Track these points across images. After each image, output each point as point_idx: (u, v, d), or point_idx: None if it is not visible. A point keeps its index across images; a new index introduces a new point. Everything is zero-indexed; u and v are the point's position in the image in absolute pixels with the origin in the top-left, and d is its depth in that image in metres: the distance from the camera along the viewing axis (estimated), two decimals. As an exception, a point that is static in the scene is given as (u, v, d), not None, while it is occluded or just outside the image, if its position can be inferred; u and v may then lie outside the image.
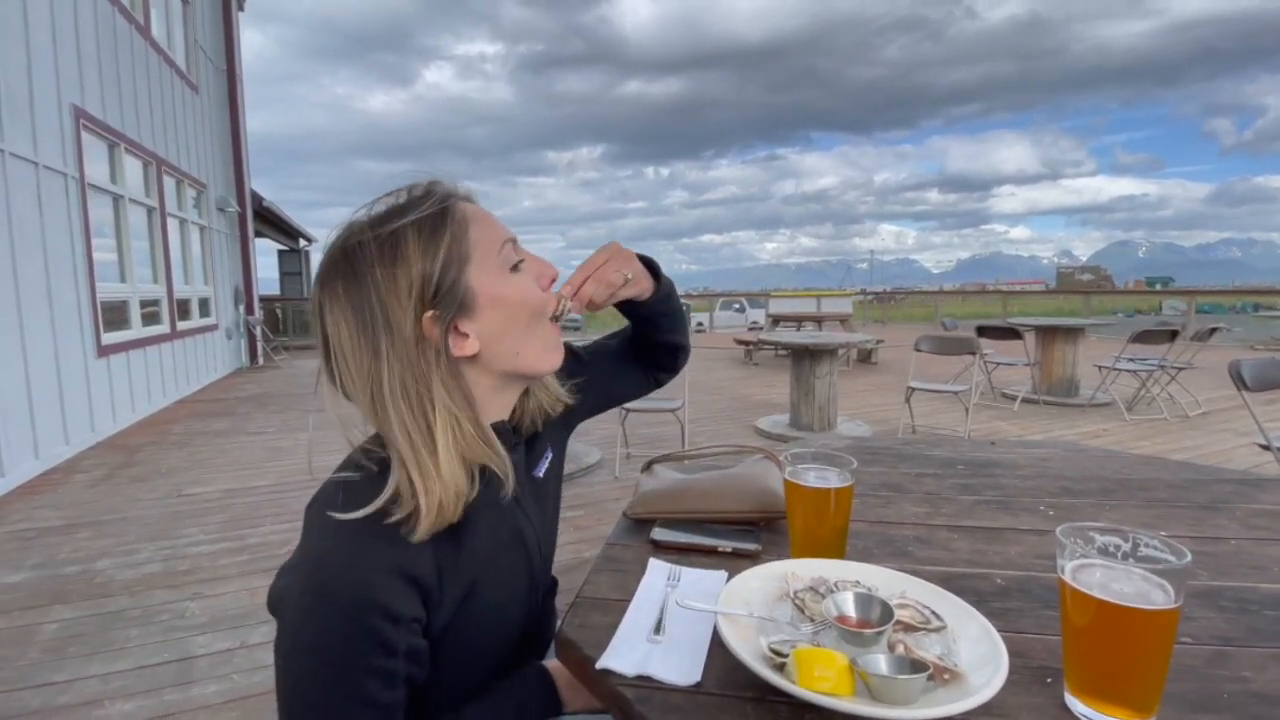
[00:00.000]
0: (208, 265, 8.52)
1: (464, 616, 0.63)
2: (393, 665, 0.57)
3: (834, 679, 0.51)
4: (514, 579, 0.71)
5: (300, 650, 0.57)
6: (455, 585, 0.62)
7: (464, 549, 0.63)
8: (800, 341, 4.83)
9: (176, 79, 7.48)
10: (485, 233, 0.64)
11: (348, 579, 0.55)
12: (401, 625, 0.57)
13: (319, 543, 0.58)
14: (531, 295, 0.66)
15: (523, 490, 0.73)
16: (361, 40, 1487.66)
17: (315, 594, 0.56)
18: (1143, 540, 0.55)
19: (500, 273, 0.64)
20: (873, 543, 0.90)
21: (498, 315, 0.64)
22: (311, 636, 0.56)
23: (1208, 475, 1.19)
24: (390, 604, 0.56)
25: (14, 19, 4.19)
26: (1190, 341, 5.60)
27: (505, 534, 0.69)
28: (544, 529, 0.78)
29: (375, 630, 0.55)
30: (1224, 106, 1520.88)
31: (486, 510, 0.66)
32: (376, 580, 0.55)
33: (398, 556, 0.57)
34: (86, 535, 3.04)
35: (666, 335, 0.91)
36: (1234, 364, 2.41)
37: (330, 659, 0.55)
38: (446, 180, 0.67)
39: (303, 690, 0.57)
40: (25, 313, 4.10)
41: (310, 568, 0.57)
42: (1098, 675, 0.53)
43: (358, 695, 0.56)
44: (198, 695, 1.82)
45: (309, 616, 0.56)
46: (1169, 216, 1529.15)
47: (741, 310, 21.81)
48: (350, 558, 0.56)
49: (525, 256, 0.68)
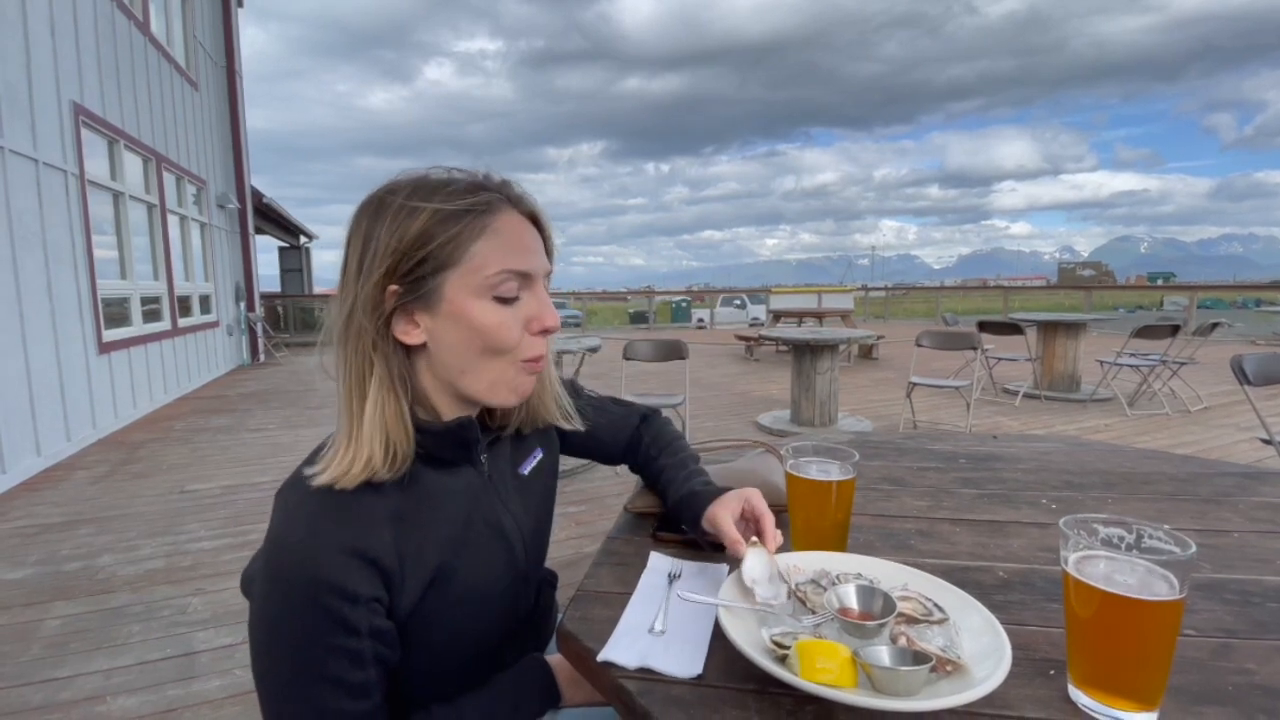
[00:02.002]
0: (208, 262, 8.51)
1: (436, 600, 0.64)
2: (357, 645, 0.58)
3: (836, 671, 0.51)
4: (491, 567, 0.71)
5: (265, 631, 0.59)
6: (419, 567, 0.62)
7: (429, 533, 0.64)
8: (801, 337, 4.83)
9: (176, 75, 7.46)
10: (491, 253, 0.63)
11: (302, 560, 0.57)
12: (360, 605, 0.58)
13: (278, 526, 0.60)
14: (496, 330, 0.63)
15: (503, 483, 0.75)
16: (362, 37, 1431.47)
17: (273, 575, 0.58)
18: (1147, 532, 0.55)
19: (478, 294, 0.63)
20: (874, 536, 0.90)
21: (453, 328, 0.63)
22: (274, 617, 0.58)
23: (1211, 469, 1.19)
24: (345, 584, 0.57)
25: (13, 15, 4.18)
26: (1192, 337, 5.60)
27: (479, 522, 0.70)
28: (529, 523, 0.77)
29: (332, 609, 0.56)
30: (1224, 102, 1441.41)
31: (454, 496, 0.67)
32: (330, 559, 0.57)
33: (352, 537, 0.58)
34: (88, 531, 3.04)
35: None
36: (1236, 359, 2.40)
37: (293, 639, 0.57)
38: (514, 186, 0.67)
39: (272, 671, 0.59)
40: (26, 310, 4.10)
41: (269, 550, 0.59)
42: (1101, 667, 0.52)
43: (324, 674, 0.57)
44: (200, 690, 1.83)
45: (269, 599, 0.58)
46: (1170, 212, 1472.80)
47: (742, 306, 21.80)
48: (305, 539, 0.58)
49: (527, 297, 0.66)
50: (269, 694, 0.59)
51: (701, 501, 0.79)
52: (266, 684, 0.59)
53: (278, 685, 0.58)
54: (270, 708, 0.59)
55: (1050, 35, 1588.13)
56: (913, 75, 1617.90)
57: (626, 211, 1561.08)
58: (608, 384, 3.51)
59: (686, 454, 0.94)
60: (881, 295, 19.99)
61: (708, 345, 11.22)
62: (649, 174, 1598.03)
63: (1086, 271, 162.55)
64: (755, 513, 0.74)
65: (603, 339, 4.62)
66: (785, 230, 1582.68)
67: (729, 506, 0.75)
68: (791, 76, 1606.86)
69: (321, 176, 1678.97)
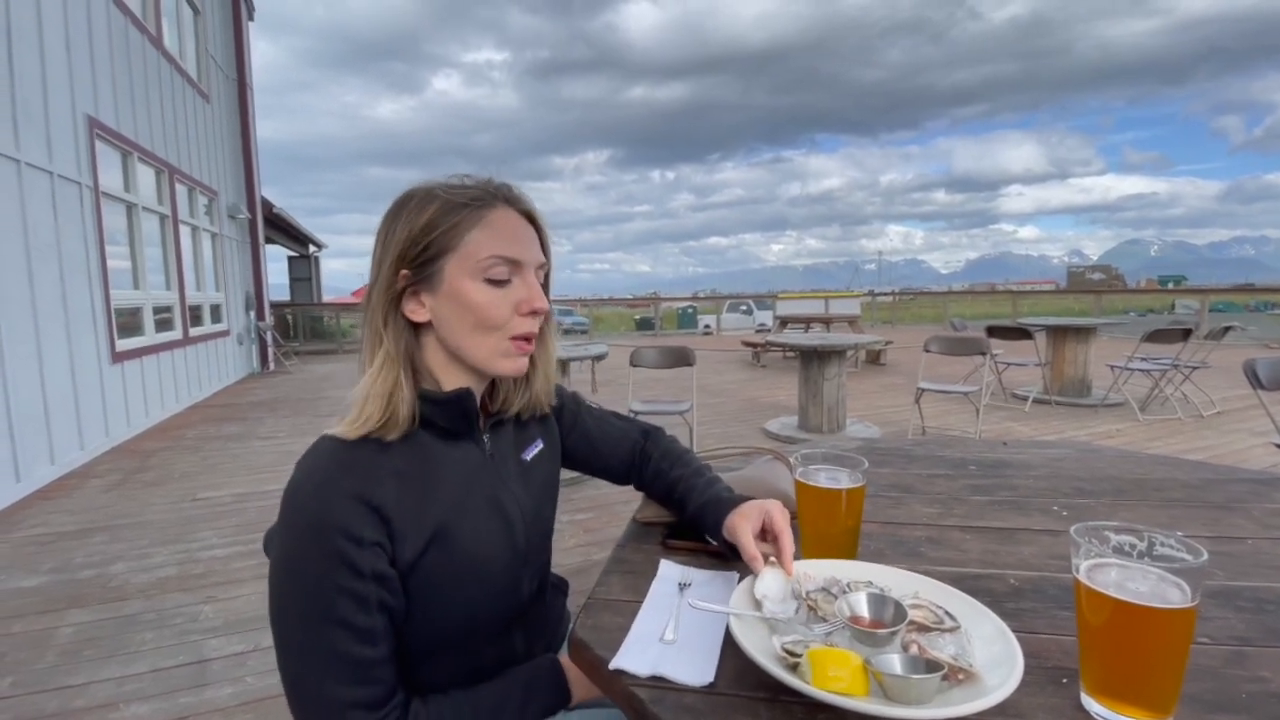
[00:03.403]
0: (219, 271, 8.60)
1: (435, 559, 0.69)
2: (363, 589, 0.63)
3: (848, 679, 0.51)
4: (490, 539, 0.75)
5: (280, 575, 0.65)
6: (420, 523, 0.68)
7: (429, 494, 0.70)
8: (808, 343, 4.82)
9: (188, 88, 7.56)
10: (486, 241, 0.71)
11: (311, 504, 0.63)
12: (364, 548, 0.63)
13: (294, 478, 0.66)
14: (486, 308, 0.71)
15: (504, 464, 0.80)
16: (371, 49, 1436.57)
17: (287, 522, 0.64)
18: (1158, 539, 0.55)
19: (471, 277, 0.70)
20: (884, 543, 0.90)
21: (451, 306, 0.71)
22: (286, 559, 0.64)
23: (1224, 475, 1.18)
24: (349, 525, 0.62)
25: (29, 31, 4.26)
26: (1204, 341, 5.55)
27: (479, 495, 0.75)
28: (530, 505, 0.82)
29: (339, 550, 0.62)
30: (1232, 104, 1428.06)
31: (455, 465, 0.74)
32: (337, 503, 0.63)
33: (359, 485, 0.64)
34: (102, 540, 3.07)
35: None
36: (1249, 363, 2.38)
37: (303, 580, 0.63)
38: (515, 189, 0.76)
39: (285, 615, 0.64)
40: (41, 320, 4.16)
41: (285, 499, 0.65)
42: (1114, 675, 0.52)
43: (331, 615, 0.62)
44: (212, 698, 1.84)
45: (283, 542, 0.65)
46: (1180, 215, 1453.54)
47: (749, 312, 21.78)
48: (315, 486, 0.64)
49: (518, 282, 0.73)
50: (283, 640, 0.64)
51: (725, 508, 0.82)
52: (281, 628, 0.64)
53: (290, 629, 0.64)
54: (285, 655, 0.64)
55: (1054, 39, 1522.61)
56: (917, 81, 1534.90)
57: (632, 218, 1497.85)
58: (615, 390, 3.51)
59: (701, 464, 0.96)
60: (889, 300, 19.94)
61: (714, 351, 11.22)
62: (654, 181, 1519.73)
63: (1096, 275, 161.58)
64: (774, 530, 0.75)
65: (609, 346, 4.62)
66: (791, 236, 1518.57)
67: (750, 519, 0.77)
68: (795, 83, 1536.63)
69: (330, 186, 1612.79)
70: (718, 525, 0.82)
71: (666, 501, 0.95)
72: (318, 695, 0.62)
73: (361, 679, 0.63)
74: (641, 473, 0.98)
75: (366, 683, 0.64)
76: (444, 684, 0.72)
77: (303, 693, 0.63)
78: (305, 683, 0.63)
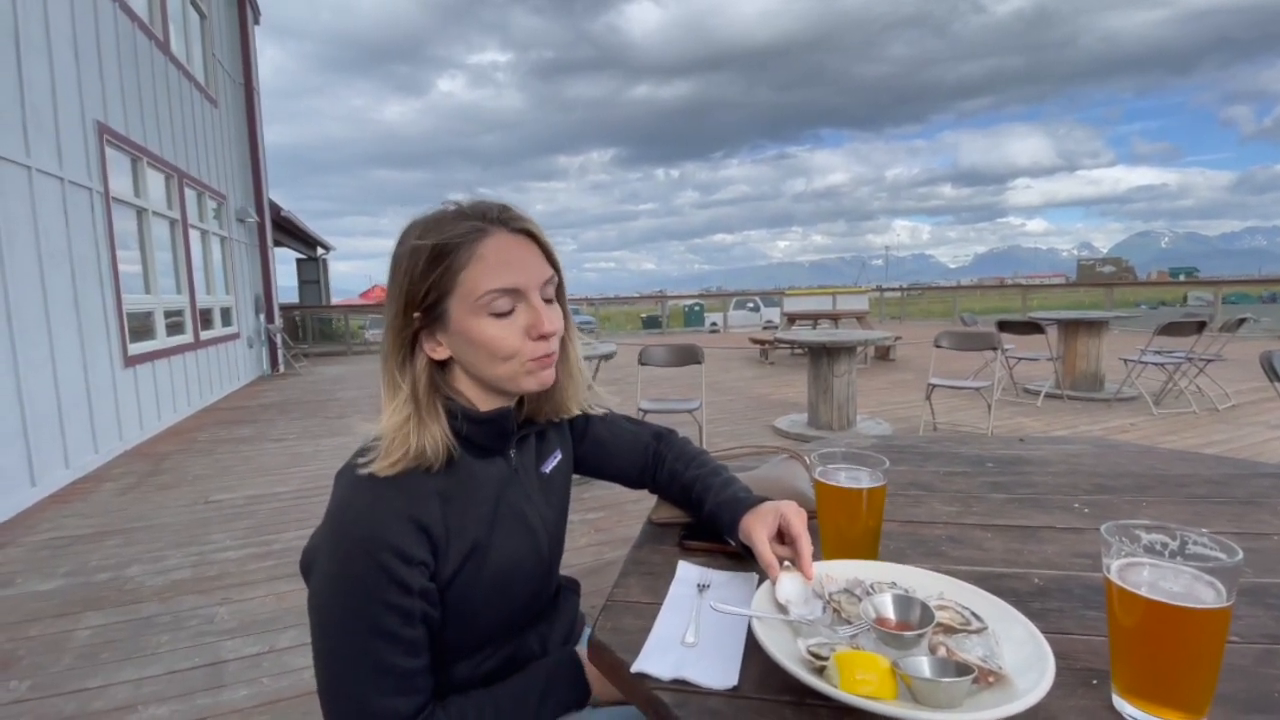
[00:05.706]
0: (229, 275, 8.65)
1: (469, 574, 0.71)
2: (409, 604, 0.65)
3: (876, 682, 0.50)
4: (519, 552, 0.77)
5: (325, 590, 0.66)
6: (460, 540, 0.70)
7: (469, 513, 0.72)
8: (817, 340, 4.79)
9: (196, 93, 7.61)
10: (482, 277, 0.69)
11: (364, 522, 0.65)
12: (413, 566, 0.65)
13: (340, 495, 0.68)
14: (496, 342, 0.71)
15: (528, 479, 0.82)
16: (376, 52, 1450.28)
17: (338, 538, 0.65)
18: (1191, 538, 0.54)
19: (474, 314, 0.70)
20: (904, 543, 0.89)
21: (463, 343, 0.72)
22: (335, 576, 0.65)
23: (1245, 470, 1.16)
24: (401, 544, 0.64)
25: (37, 38, 4.29)
26: (1218, 333, 5.48)
27: (509, 511, 0.77)
28: (551, 517, 0.84)
29: (389, 567, 0.63)
30: (1242, 94, 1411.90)
31: (487, 483, 0.75)
32: (390, 523, 0.65)
33: (409, 505, 0.66)
34: (116, 543, 3.09)
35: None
36: (1265, 355, 2.35)
37: (353, 595, 0.64)
38: (511, 209, 0.74)
39: (330, 630, 0.65)
40: (54, 325, 4.19)
41: (333, 517, 0.67)
42: (1147, 676, 0.51)
43: (378, 629, 0.64)
44: (228, 699, 1.85)
45: (332, 558, 0.65)
46: (1191, 206, 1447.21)
47: (756, 309, 21.71)
48: (367, 505, 0.66)
49: (522, 308, 0.72)
50: (327, 652, 0.65)
51: (741, 508, 0.82)
52: (325, 641, 0.65)
53: (336, 641, 0.65)
54: (328, 667, 0.65)
55: (1059, 31, 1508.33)
56: (922, 75, 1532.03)
57: (637, 217, 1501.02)
58: (623, 389, 3.50)
59: (717, 464, 0.95)
60: (897, 296, 19.82)
61: (722, 349, 11.19)
62: (659, 179, 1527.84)
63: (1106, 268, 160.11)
64: (791, 533, 0.74)
65: (617, 344, 4.62)
66: (797, 232, 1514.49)
67: (765, 522, 0.76)
68: (799, 80, 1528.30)
69: (338, 189, 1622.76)
70: (734, 526, 0.81)
71: (682, 503, 0.94)
72: (361, 707, 0.64)
73: (403, 689, 0.66)
74: (656, 475, 0.98)
75: (408, 693, 0.66)
76: (461, 685, 0.74)
77: (345, 705, 0.65)
78: (348, 695, 0.65)
